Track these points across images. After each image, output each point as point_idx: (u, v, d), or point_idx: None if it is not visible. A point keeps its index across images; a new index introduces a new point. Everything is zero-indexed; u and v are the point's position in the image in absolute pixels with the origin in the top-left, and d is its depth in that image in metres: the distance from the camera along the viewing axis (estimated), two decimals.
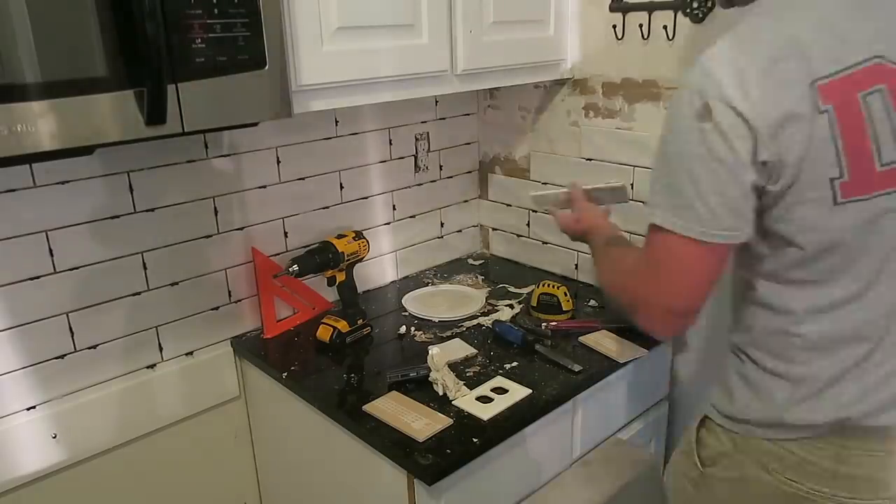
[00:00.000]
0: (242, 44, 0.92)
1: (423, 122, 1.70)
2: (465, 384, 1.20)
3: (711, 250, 0.78)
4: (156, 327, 1.33)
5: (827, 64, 0.73)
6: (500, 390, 1.20)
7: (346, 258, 1.39)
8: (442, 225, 1.84)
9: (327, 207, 1.56)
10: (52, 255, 1.18)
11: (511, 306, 1.55)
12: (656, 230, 0.81)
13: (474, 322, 1.48)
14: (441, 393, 1.18)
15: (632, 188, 1.43)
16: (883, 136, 0.75)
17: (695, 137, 0.75)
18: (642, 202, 1.40)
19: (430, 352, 1.22)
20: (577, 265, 1.70)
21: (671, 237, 0.79)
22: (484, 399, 1.17)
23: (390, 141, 1.65)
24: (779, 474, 0.87)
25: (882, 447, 0.85)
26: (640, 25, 1.40)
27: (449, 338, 1.41)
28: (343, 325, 1.39)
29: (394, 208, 1.71)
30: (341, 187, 1.58)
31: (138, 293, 1.29)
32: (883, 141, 0.76)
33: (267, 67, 0.96)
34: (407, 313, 1.54)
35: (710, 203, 0.76)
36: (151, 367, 1.34)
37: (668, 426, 1.58)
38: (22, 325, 1.17)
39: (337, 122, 1.52)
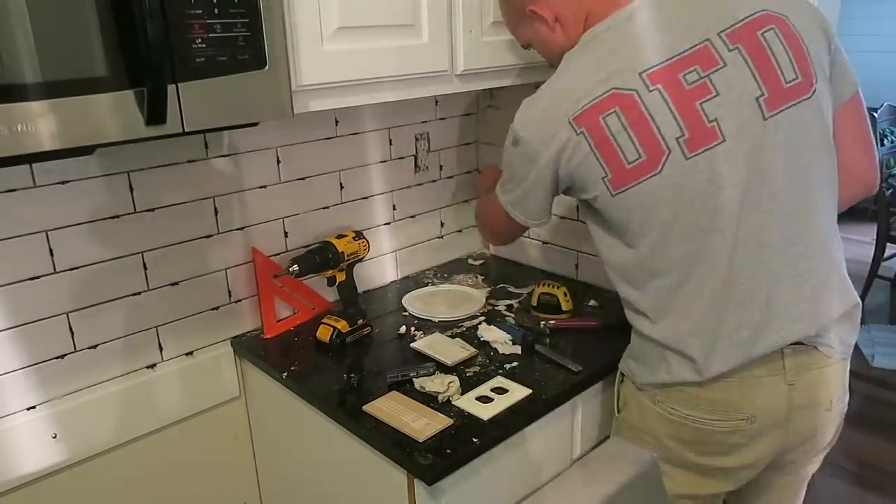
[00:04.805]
0: (242, 44, 0.92)
1: (423, 122, 1.70)
2: (452, 382, 1.19)
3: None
4: (156, 327, 1.33)
5: (578, 102, 1.01)
6: (500, 390, 1.20)
7: (346, 258, 1.39)
8: (442, 225, 1.84)
9: (327, 207, 1.56)
10: (52, 255, 1.18)
11: (511, 306, 1.55)
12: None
13: (474, 322, 1.48)
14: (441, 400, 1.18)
15: None
16: (624, 144, 1.00)
17: (510, 155, 1.12)
18: None
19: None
20: (577, 265, 1.71)
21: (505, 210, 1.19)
22: (484, 399, 1.17)
23: (390, 141, 1.65)
24: None
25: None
26: None
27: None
28: (343, 325, 1.39)
29: (394, 208, 1.71)
30: (341, 187, 1.58)
31: (138, 293, 1.29)
32: (625, 147, 1.00)
33: (267, 67, 0.96)
34: (407, 313, 1.54)
35: (519, 195, 1.14)
36: (151, 367, 1.34)
37: None
38: (22, 325, 1.17)
39: (337, 122, 1.53)
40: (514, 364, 1.30)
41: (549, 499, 1.25)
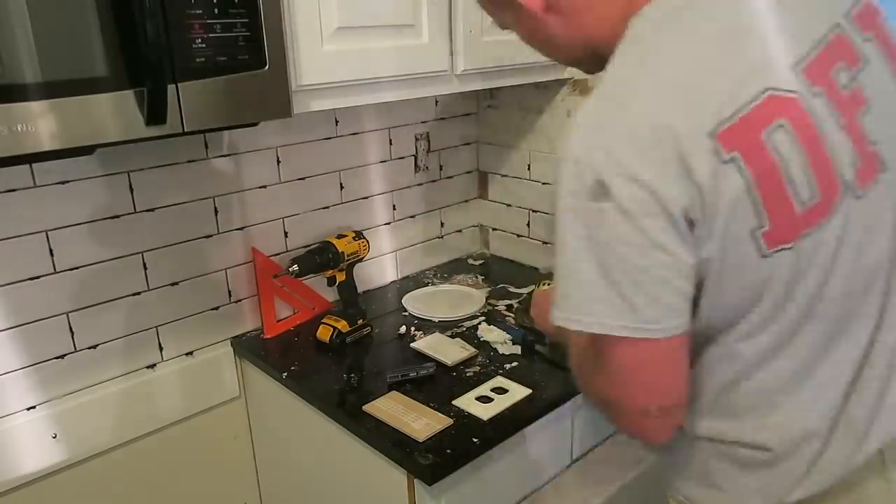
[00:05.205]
0: (242, 44, 0.93)
1: (423, 122, 1.70)
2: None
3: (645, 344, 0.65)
4: (156, 327, 1.33)
5: (719, 108, 0.61)
6: (500, 390, 1.20)
7: (346, 258, 1.39)
8: (442, 225, 1.84)
9: (327, 207, 1.56)
10: (52, 255, 1.18)
11: (511, 306, 1.55)
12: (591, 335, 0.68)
13: (474, 322, 1.48)
14: None
15: None
16: (797, 176, 0.64)
17: (593, 221, 0.63)
18: None
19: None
20: None
21: (603, 338, 0.66)
22: (484, 399, 1.17)
23: (390, 141, 1.65)
24: None
25: None
26: None
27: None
28: (343, 325, 1.39)
29: (394, 208, 1.71)
30: (341, 187, 1.58)
31: (138, 293, 1.29)
32: (798, 181, 0.64)
33: (267, 67, 0.96)
34: (407, 313, 1.54)
35: (626, 293, 0.63)
36: (151, 367, 1.34)
37: None
38: (22, 325, 1.17)
39: (337, 122, 1.52)
40: (514, 364, 1.29)
41: (549, 499, 1.25)
